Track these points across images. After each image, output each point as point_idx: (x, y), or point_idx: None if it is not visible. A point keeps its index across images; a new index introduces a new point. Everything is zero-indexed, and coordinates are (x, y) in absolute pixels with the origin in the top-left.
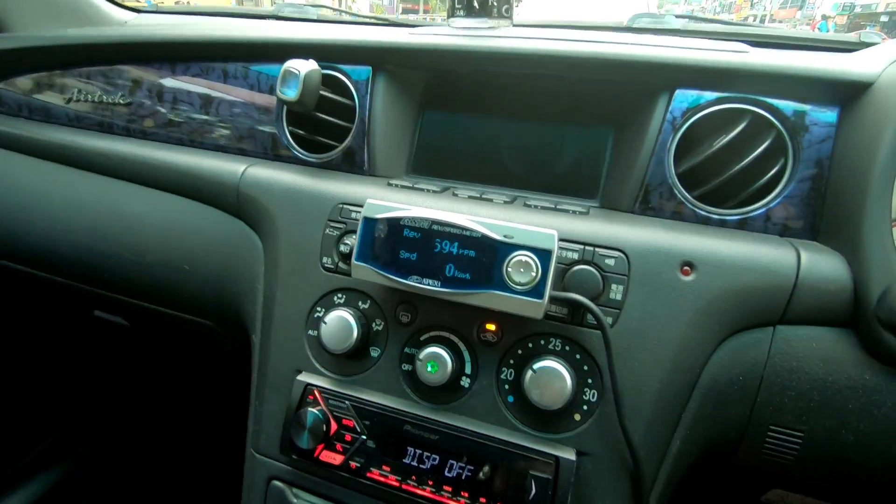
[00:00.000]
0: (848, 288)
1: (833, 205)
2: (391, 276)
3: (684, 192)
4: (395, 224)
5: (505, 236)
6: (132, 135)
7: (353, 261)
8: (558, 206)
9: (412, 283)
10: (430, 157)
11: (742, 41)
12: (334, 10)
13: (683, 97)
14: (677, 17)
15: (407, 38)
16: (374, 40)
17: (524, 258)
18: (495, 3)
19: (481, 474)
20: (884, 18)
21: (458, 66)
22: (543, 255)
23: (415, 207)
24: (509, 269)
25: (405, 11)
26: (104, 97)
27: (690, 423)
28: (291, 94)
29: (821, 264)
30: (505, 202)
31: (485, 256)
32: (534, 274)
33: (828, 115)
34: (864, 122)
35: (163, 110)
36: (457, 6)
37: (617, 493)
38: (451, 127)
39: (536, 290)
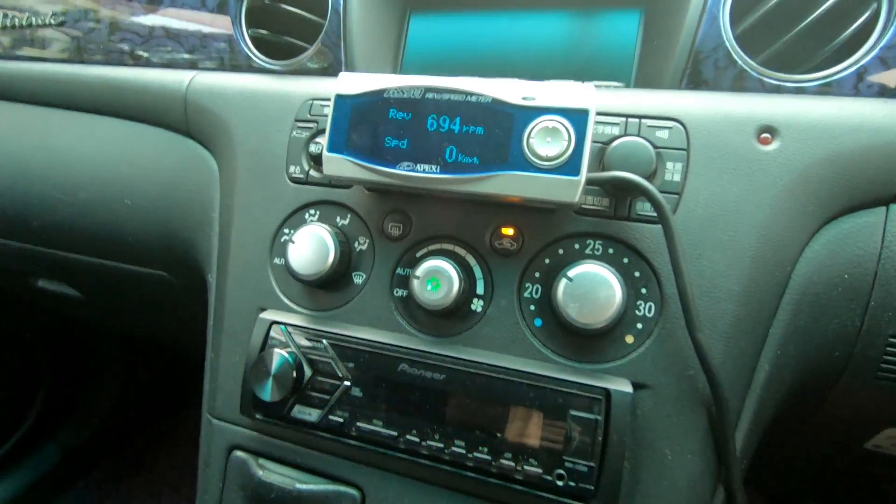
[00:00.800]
0: None
1: None
2: (375, 167)
3: (745, 56)
4: (377, 99)
5: (524, 98)
6: (68, 60)
7: (325, 152)
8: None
9: (402, 171)
10: (422, 60)
11: None
12: None
13: None
14: None
15: None
16: None
17: (551, 124)
18: None
19: (504, 422)
20: None
21: None
22: (577, 116)
23: (408, 76)
24: (532, 140)
25: None
26: (33, 19)
27: (781, 339)
28: None
29: None
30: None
31: (498, 128)
32: (565, 143)
33: None
34: None
35: (100, 27)
36: None
37: (690, 433)
38: (446, 28)
39: (571, 164)
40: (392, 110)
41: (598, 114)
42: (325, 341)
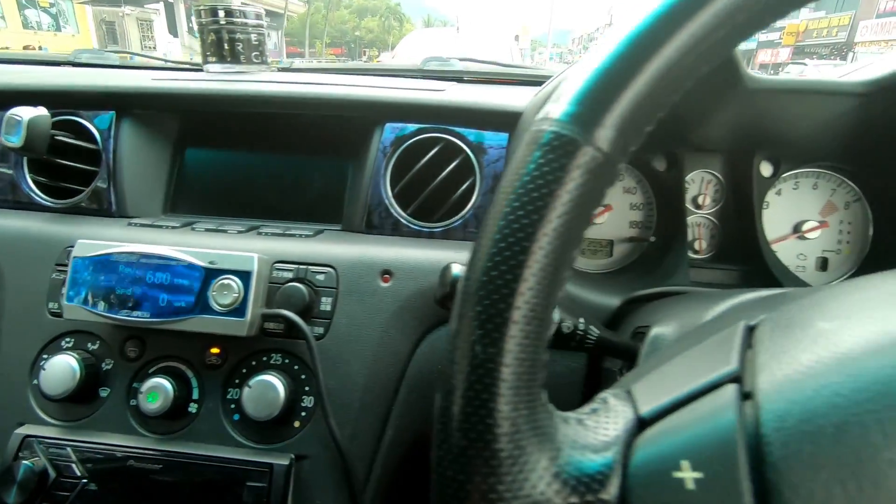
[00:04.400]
0: None
1: None
2: (102, 314)
3: (399, 210)
4: (105, 261)
5: (210, 262)
6: None
7: (64, 302)
8: (287, 232)
9: (122, 317)
10: (187, 195)
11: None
12: (136, 54)
13: (391, 129)
14: (461, 59)
15: (149, 82)
16: (115, 86)
17: (227, 281)
18: (243, 50)
19: (202, 494)
20: None
21: (196, 108)
22: (244, 276)
23: (126, 244)
24: (214, 293)
25: (290, 55)
26: None
27: (399, 413)
28: (15, 140)
29: None
30: (239, 232)
31: (195, 283)
32: (236, 295)
33: (500, 138)
34: (515, 142)
35: None
36: (207, 53)
37: (335, 489)
38: (210, 164)
39: (239, 310)
40: (120, 266)
41: (281, 262)
42: (68, 448)
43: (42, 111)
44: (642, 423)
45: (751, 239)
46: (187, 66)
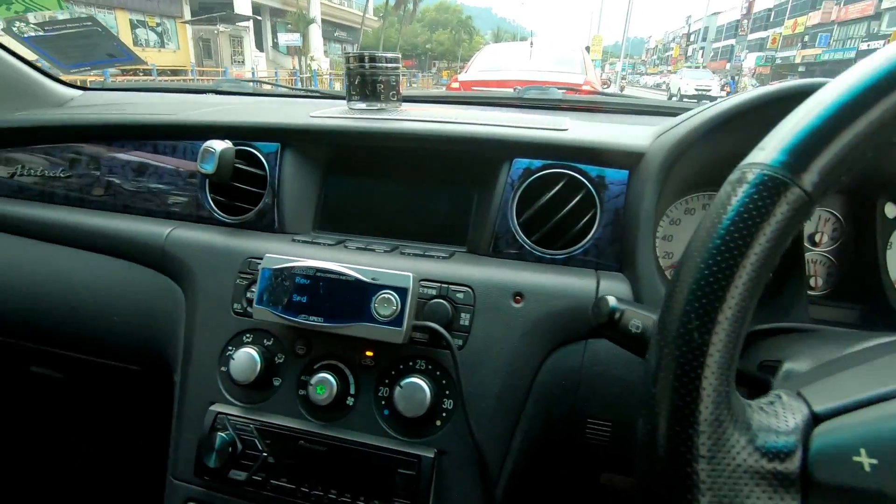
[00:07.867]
0: None
1: (624, 242)
2: (285, 316)
3: (524, 237)
4: (288, 273)
5: (372, 279)
6: (71, 203)
7: (254, 304)
8: (426, 253)
9: (301, 320)
10: (331, 215)
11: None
12: (270, 83)
13: (519, 164)
14: (559, 88)
15: (307, 120)
16: (279, 123)
17: (387, 295)
18: (383, 91)
19: (360, 475)
20: (801, 69)
21: (346, 142)
22: (402, 292)
23: (306, 259)
24: (376, 305)
25: None
26: (46, 172)
27: (528, 420)
28: (209, 168)
29: (612, 288)
30: (385, 251)
31: (358, 296)
32: (395, 308)
33: (621, 175)
34: (639, 181)
35: (100, 182)
36: (353, 92)
37: (471, 482)
38: (350, 189)
39: (397, 320)
40: (297, 278)
41: (426, 280)
42: (252, 426)
43: (229, 144)
44: (816, 419)
45: (873, 278)
46: (327, 95)
